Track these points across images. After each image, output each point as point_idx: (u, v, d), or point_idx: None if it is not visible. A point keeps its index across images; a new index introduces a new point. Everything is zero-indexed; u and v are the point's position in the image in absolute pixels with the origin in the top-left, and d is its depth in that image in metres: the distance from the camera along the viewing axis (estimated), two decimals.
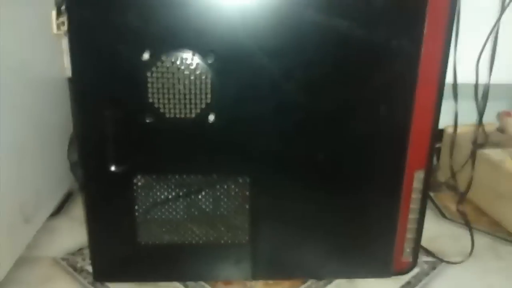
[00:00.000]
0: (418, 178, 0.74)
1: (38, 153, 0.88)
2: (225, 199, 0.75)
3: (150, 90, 0.66)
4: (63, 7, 0.63)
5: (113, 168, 0.71)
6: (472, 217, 1.02)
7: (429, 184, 0.75)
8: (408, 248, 0.79)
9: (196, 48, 0.65)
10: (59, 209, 1.00)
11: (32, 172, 0.86)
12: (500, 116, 1.10)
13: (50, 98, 0.90)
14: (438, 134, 0.96)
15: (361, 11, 0.65)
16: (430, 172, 0.74)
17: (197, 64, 0.65)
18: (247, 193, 0.74)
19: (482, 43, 0.98)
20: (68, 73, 0.67)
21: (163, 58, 0.64)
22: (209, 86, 0.66)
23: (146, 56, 0.64)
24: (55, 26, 0.64)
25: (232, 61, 0.66)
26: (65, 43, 0.66)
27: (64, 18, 0.63)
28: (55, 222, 0.97)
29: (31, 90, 0.84)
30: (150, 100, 0.67)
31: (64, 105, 0.93)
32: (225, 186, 0.74)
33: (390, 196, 0.75)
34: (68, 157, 0.95)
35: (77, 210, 1.01)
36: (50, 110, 0.91)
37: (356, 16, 0.65)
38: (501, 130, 1.10)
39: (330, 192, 0.76)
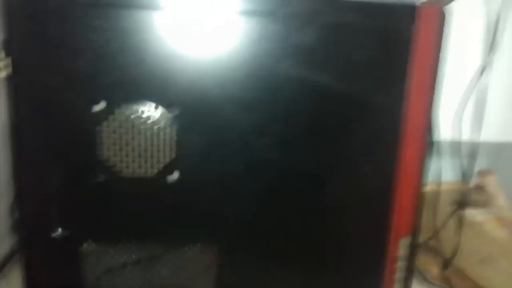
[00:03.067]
0: (403, 245, 0.67)
1: None
2: (189, 268, 0.66)
3: (102, 145, 0.58)
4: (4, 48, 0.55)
5: (57, 234, 0.61)
6: (454, 281, 0.96)
7: (415, 252, 0.68)
8: None
9: (159, 99, 0.57)
10: None
11: None
12: (480, 174, 1.06)
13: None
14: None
15: (340, 65, 0.60)
16: (416, 238, 0.68)
17: (160, 116, 0.58)
18: (214, 263, 0.65)
19: (463, 100, 0.96)
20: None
21: (116, 111, 0.57)
22: (173, 140, 0.59)
23: (97, 107, 0.56)
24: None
25: (199, 113, 0.59)
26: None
27: (6, 60, 0.55)
28: None
29: None
30: (103, 157, 0.58)
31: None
32: (189, 254, 0.65)
33: (371, 269, 0.67)
34: (10, 213, 0.84)
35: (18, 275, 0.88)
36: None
37: (335, 70, 0.60)
38: (479, 188, 1.06)
39: (306, 266, 0.68)
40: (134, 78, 0.56)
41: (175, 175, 0.60)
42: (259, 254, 0.66)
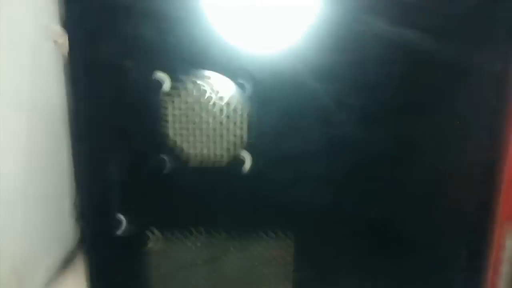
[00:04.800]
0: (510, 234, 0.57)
1: (36, 201, 0.73)
2: (262, 262, 0.59)
3: (171, 124, 0.52)
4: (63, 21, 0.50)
5: (121, 229, 0.56)
6: None
7: None
8: None
9: (231, 73, 0.51)
10: (63, 269, 0.84)
11: (28, 224, 0.71)
12: None
13: (52, 132, 0.76)
14: None
15: (438, 21, 0.51)
16: None
17: (232, 95, 0.51)
18: (289, 255, 0.58)
19: None
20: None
21: (188, 83, 0.51)
22: (245, 123, 0.52)
23: (166, 80, 0.50)
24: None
25: (274, 88, 0.51)
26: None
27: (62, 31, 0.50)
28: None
29: (28, 122, 0.69)
30: (171, 136, 0.52)
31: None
32: (263, 246, 0.58)
33: (473, 264, 0.58)
34: (74, 206, 0.80)
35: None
36: (53, 147, 0.76)
37: (431, 27, 0.51)
38: None
39: (391, 260, 0.60)
40: (202, 49, 0.50)
41: (248, 160, 0.54)
42: (338, 245, 0.59)
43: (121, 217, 0.55)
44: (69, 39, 0.49)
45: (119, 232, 0.55)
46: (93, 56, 0.50)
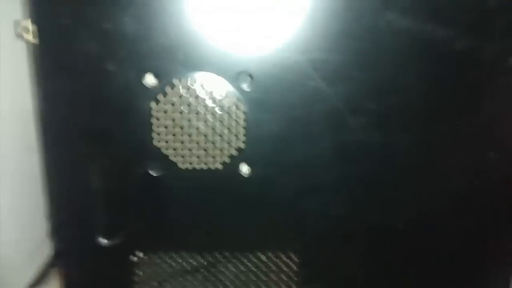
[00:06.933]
0: None
1: (8, 212, 0.66)
2: (261, 279, 0.53)
3: (156, 128, 0.45)
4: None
5: (101, 241, 0.49)
6: None
7: None
8: None
9: (225, 70, 0.44)
10: (36, 283, 0.77)
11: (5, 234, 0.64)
12: None
13: (22, 138, 0.69)
14: None
15: (465, 15, 0.44)
16: None
17: (227, 92, 0.45)
18: (292, 274, 0.52)
19: None
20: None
21: (175, 82, 0.44)
22: (242, 123, 0.46)
23: (150, 78, 0.44)
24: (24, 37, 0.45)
25: (275, 87, 0.45)
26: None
27: (29, 24, 0.43)
28: None
29: None
30: (156, 143, 0.46)
31: None
32: (261, 267, 0.52)
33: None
34: (49, 217, 0.74)
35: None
36: (23, 154, 0.69)
37: (457, 22, 0.44)
38: None
39: (415, 274, 0.53)
40: (195, 41, 0.43)
41: (244, 168, 0.47)
42: (350, 263, 0.53)
43: (103, 240, 0.48)
44: (38, 34, 0.42)
45: (98, 242, 0.49)
46: (67, 54, 0.43)
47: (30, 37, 0.44)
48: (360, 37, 0.44)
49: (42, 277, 0.78)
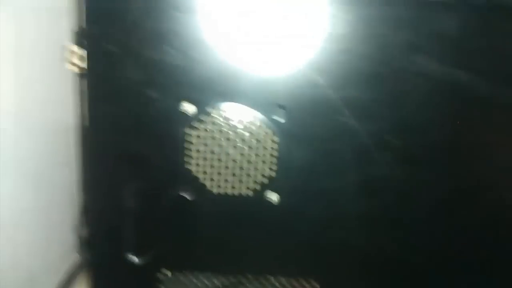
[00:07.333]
0: None
1: (37, 222, 0.69)
2: None
3: (190, 153, 0.48)
4: (82, 39, 0.46)
5: (131, 258, 0.51)
6: None
7: None
8: None
9: (260, 101, 0.47)
10: None
11: (28, 247, 0.66)
12: None
13: (57, 151, 0.71)
14: None
15: (490, 61, 0.46)
16: None
17: (260, 122, 0.47)
18: None
19: None
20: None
21: (209, 110, 0.46)
22: (275, 153, 0.48)
23: (188, 106, 0.46)
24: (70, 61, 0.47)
25: (307, 121, 0.47)
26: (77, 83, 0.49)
27: (81, 52, 0.46)
28: None
29: (31, 140, 0.65)
30: (189, 168, 0.48)
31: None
32: None
33: None
34: (76, 231, 0.76)
35: None
36: (58, 167, 0.72)
37: (483, 67, 0.46)
38: None
39: None
40: (230, 75, 0.46)
41: (273, 196, 0.49)
42: None
43: (133, 257, 0.50)
44: (88, 60, 0.45)
45: (128, 259, 0.51)
46: (112, 79, 0.46)
47: (77, 61, 0.47)
48: (389, 79, 0.46)
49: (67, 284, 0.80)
